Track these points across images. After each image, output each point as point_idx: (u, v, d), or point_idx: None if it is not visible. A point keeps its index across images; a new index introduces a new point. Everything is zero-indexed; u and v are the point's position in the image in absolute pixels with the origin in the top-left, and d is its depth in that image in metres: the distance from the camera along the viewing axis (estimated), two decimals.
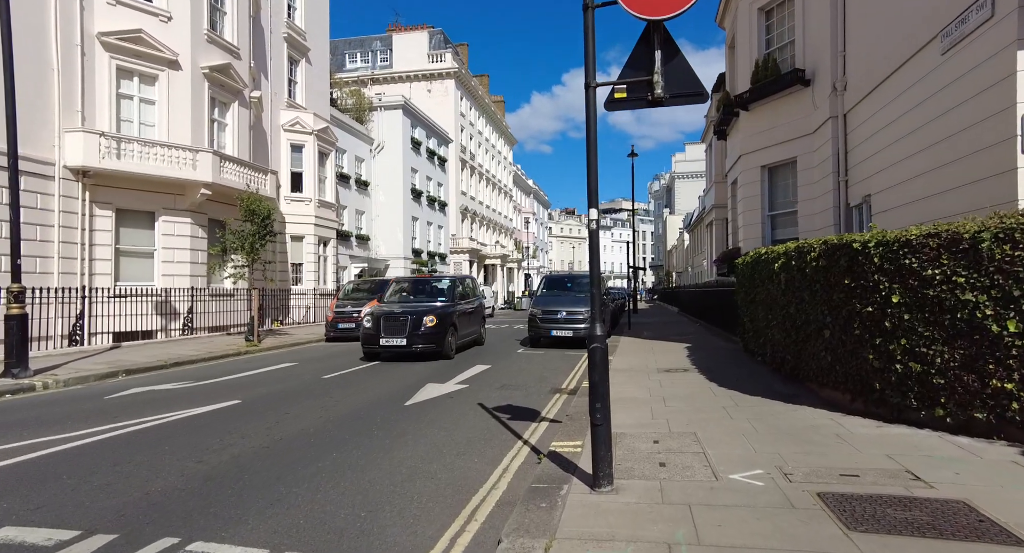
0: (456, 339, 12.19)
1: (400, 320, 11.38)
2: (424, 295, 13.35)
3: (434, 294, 13.27)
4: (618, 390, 7.27)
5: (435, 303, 12.51)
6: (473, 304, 14.37)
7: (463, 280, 14.72)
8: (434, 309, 11.91)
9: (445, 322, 11.73)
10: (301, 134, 24.11)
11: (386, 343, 11.22)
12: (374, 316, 11.59)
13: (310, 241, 24.33)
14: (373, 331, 11.40)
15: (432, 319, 11.47)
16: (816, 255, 5.87)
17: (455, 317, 12.29)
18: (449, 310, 12.21)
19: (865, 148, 10.54)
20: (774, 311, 7.48)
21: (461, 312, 12.90)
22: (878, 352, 5.10)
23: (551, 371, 10.02)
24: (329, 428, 5.92)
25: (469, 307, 13.82)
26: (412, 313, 11.50)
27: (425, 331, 11.31)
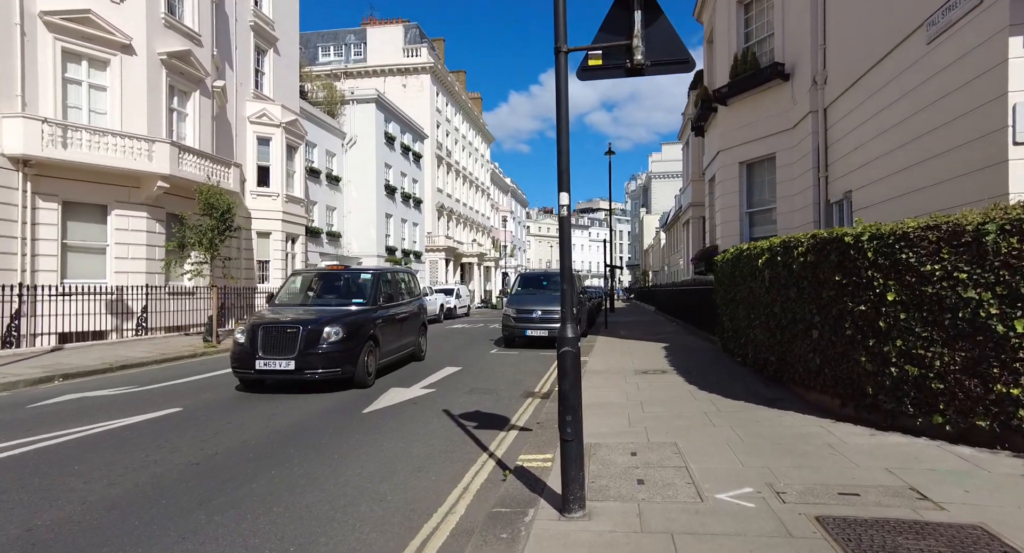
0: (377, 358, 8.63)
1: (288, 332, 7.62)
2: (335, 294, 9.61)
3: (348, 293, 9.55)
4: (593, 394, 6.82)
5: (347, 307, 8.87)
6: (409, 307, 10.61)
7: (393, 274, 10.82)
8: (342, 316, 8.23)
9: (359, 334, 8.11)
10: (268, 126, 23.20)
11: (265, 366, 7.47)
12: (250, 326, 7.86)
13: (277, 237, 23.45)
14: (248, 348, 7.64)
15: (337, 331, 7.77)
16: (804, 250, 5.49)
17: (377, 326, 8.71)
18: (367, 316, 8.63)
19: (846, 143, 10.30)
20: (756, 310, 7.12)
21: (388, 319, 9.35)
22: (871, 354, 4.73)
23: (525, 373, 9.54)
24: (274, 440, 5.33)
25: (402, 311, 10.12)
26: (307, 322, 7.76)
27: (326, 349, 7.63)
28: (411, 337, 10.58)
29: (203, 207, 13.50)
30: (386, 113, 33.83)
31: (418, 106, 41.76)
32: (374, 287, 9.42)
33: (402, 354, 10.15)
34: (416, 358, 10.95)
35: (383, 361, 8.99)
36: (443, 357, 11.68)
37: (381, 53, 43.14)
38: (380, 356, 8.78)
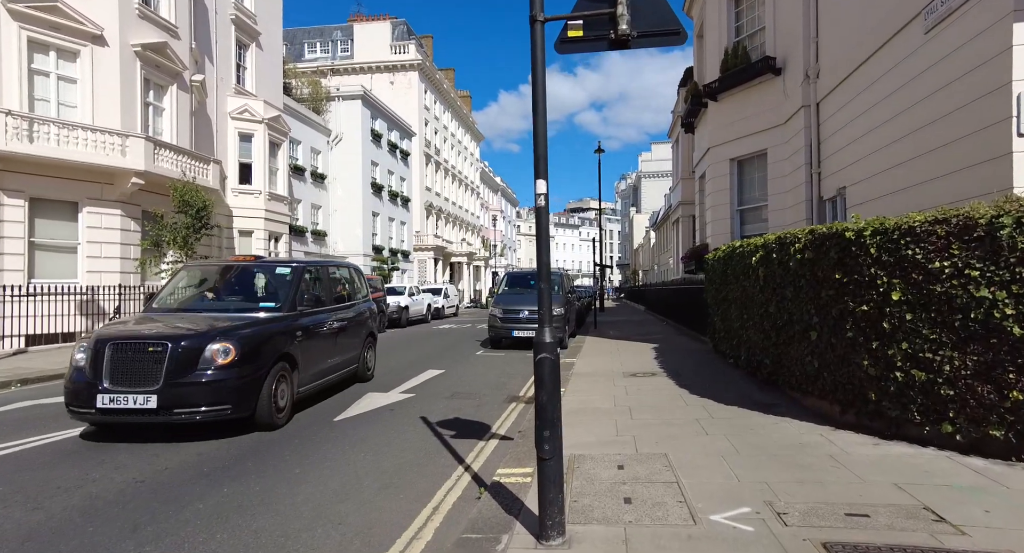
0: (295, 386, 6.18)
1: (149, 352, 5.22)
2: (240, 295, 7.01)
3: (257, 294, 7.04)
4: (580, 399, 6.48)
5: (251, 313, 6.27)
6: (347, 313, 7.99)
7: (325, 269, 7.99)
8: (239, 327, 5.72)
9: (263, 353, 5.68)
10: (250, 122, 22.65)
11: (111, 403, 5.07)
12: (94, 341, 5.36)
13: (260, 236, 22.91)
14: (87, 375, 5.25)
15: (226, 349, 5.38)
16: (801, 246, 5.17)
17: (295, 341, 6.24)
18: (279, 327, 6.13)
19: (839, 138, 10.03)
20: (750, 310, 6.80)
21: (313, 329, 6.79)
22: (875, 357, 4.41)
23: (510, 376, 9.18)
24: (233, 452, 4.92)
25: (337, 318, 7.54)
26: (181, 337, 5.36)
27: (211, 377, 5.26)
28: (351, 352, 7.97)
29: (178, 204, 13.01)
30: (372, 110, 33.31)
31: (406, 104, 41.24)
32: (293, 286, 6.71)
33: (337, 376, 7.54)
34: (360, 378, 8.41)
35: (306, 388, 6.53)
36: (426, 359, 11.28)
37: (368, 50, 42.58)
38: (300, 382, 6.31)
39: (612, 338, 14.18)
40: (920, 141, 7.24)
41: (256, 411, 5.55)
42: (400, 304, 20.75)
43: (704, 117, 15.66)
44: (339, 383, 7.78)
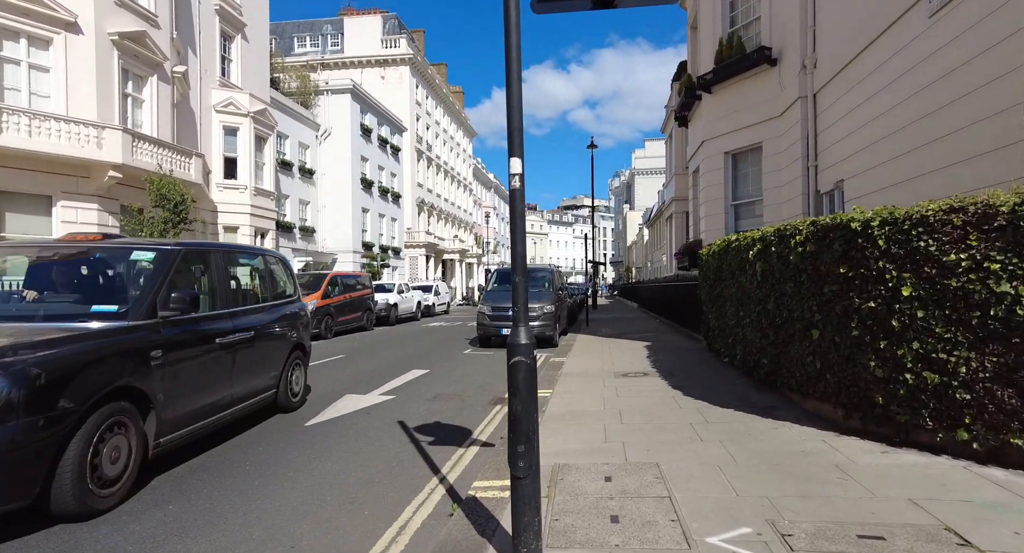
0: (148, 438, 4.00)
1: None
2: (69, 293, 4.55)
3: (97, 289, 4.67)
4: (568, 401, 6.13)
5: (74, 322, 3.91)
6: (261, 318, 5.81)
7: (217, 256, 5.39)
8: (26, 349, 3.27)
9: (67, 396, 3.32)
10: (235, 116, 22.13)
11: None
12: None
13: (245, 232, 22.40)
14: None
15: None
16: (803, 239, 4.83)
17: (152, 366, 4.05)
18: (113, 345, 3.80)
19: (837, 130, 9.72)
20: (747, 307, 6.46)
21: (191, 345, 4.59)
22: (882, 358, 4.08)
23: (497, 376, 8.82)
24: (189, 460, 4.54)
25: (240, 329, 5.28)
26: None
27: None
28: (265, 374, 5.75)
29: (155, 198, 12.54)
30: (362, 104, 32.80)
31: (397, 99, 40.72)
32: (154, 280, 4.44)
33: (240, 410, 5.30)
34: (283, 408, 6.23)
35: (177, 436, 4.32)
36: (411, 358, 10.91)
37: (359, 44, 42.03)
38: (164, 429, 4.13)
39: (604, 336, 13.85)
40: (923, 130, 6.92)
41: (51, 494, 3.26)
42: (389, 302, 20.35)
43: (698, 110, 15.33)
44: (242, 417, 5.54)
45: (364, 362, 10.47)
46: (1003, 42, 5.46)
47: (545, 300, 12.71)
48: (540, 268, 14.77)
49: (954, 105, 6.27)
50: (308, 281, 16.54)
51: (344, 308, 16.63)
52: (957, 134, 6.21)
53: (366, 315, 18.03)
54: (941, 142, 6.52)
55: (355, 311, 17.31)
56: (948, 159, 6.36)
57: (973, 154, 5.92)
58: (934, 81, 6.69)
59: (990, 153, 5.66)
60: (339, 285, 16.80)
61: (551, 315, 12.46)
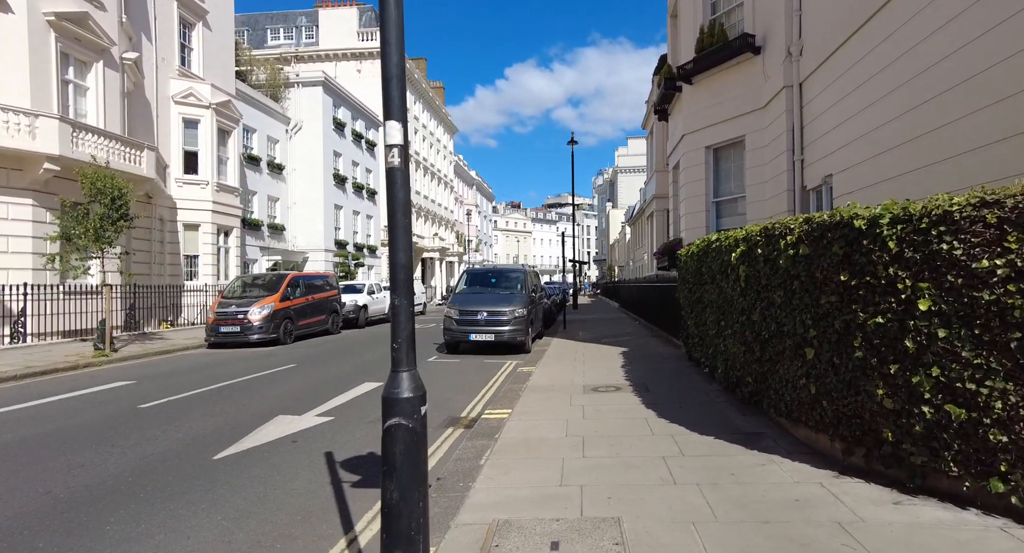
0: None
1: None
2: None
3: None
4: (526, 425, 5.33)
5: None
6: None
7: None
8: None
9: None
10: (196, 107, 20.98)
11: None
12: None
13: (207, 230, 21.30)
14: None
15: None
16: (795, 239, 4.08)
17: None
18: None
19: (825, 121, 9.05)
20: (729, 316, 5.72)
21: None
22: (893, 386, 3.34)
23: (457, 389, 8.00)
24: (46, 511, 3.65)
25: None
26: None
27: None
28: None
29: (89, 192, 11.47)
30: (335, 97, 31.67)
31: (374, 93, 39.45)
32: None
33: None
34: None
35: None
36: (368, 368, 10.03)
37: (334, 37, 40.87)
38: None
39: (579, 340, 13.10)
40: (921, 120, 6.25)
41: None
42: (357, 303, 19.39)
43: (678, 103, 14.63)
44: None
45: (315, 372, 9.57)
46: (1011, 18, 4.77)
47: (516, 303, 11.91)
48: (512, 269, 13.96)
49: (958, 89, 5.59)
50: (267, 282, 15.54)
51: (306, 311, 15.66)
52: (963, 121, 5.53)
53: (331, 318, 17.07)
54: (944, 131, 5.84)
55: (319, 314, 16.34)
56: (951, 149, 5.68)
57: (980, 145, 5.24)
58: (935, 64, 6.01)
59: (1001, 143, 4.97)
60: (300, 287, 15.82)
61: (522, 319, 11.67)
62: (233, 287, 15.56)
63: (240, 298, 14.65)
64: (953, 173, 5.61)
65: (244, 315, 13.81)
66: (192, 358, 11.98)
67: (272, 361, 11.06)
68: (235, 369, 10.02)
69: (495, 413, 5.98)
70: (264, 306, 14.11)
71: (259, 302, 14.19)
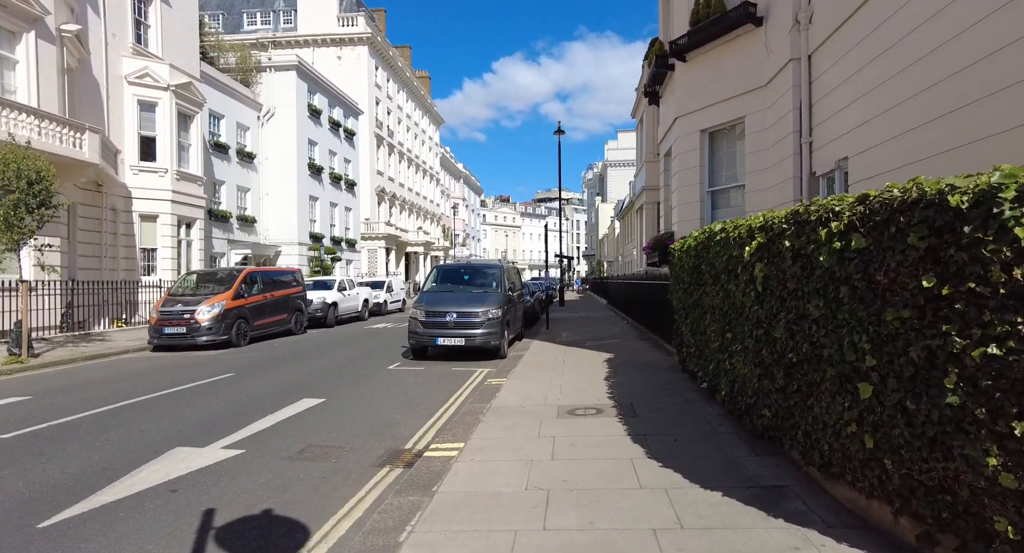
0: None
1: None
2: None
3: None
4: (479, 469, 4.09)
5: None
6: None
7: None
8: None
9: None
10: (152, 89, 19.44)
11: None
12: None
13: (166, 221, 19.83)
14: None
15: None
16: (843, 227, 2.86)
17: None
18: None
19: (839, 96, 7.87)
20: (738, 328, 4.51)
21: None
22: (1016, 453, 2.14)
23: (411, 408, 6.76)
24: None
25: None
26: None
27: None
28: None
29: (1, 176, 10.04)
30: (310, 83, 30.11)
31: (355, 80, 38.06)
32: None
33: None
34: None
35: None
36: (316, 378, 8.74)
37: (313, 22, 39.20)
38: None
39: (562, 343, 11.89)
40: (961, 90, 5.08)
41: None
42: (326, 301, 18.03)
43: (670, 83, 13.40)
44: None
45: (251, 384, 8.28)
46: None
47: (491, 303, 10.66)
48: (489, 264, 12.69)
49: (1012, 49, 4.41)
50: (220, 278, 14.16)
51: (264, 309, 14.31)
52: (1012, 91, 4.36)
53: (295, 317, 15.73)
54: (988, 103, 4.67)
55: (279, 312, 14.99)
56: (999, 125, 4.51)
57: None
58: (980, 20, 4.83)
59: None
60: (258, 283, 14.46)
61: (496, 321, 10.42)
62: (182, 283, 14.16)
63: (188, 295, 13.27)
64: (1006, 151, 4.45)
65: (191, 315, 12.45)
66: (124, 364, 10.62)
67: (211, 369, 9.74)
68: (162, 379, 8.70)
69: (443, 448, 4.75)
70: (214, 304, 12.75)
71: (208, 300, 12.83)
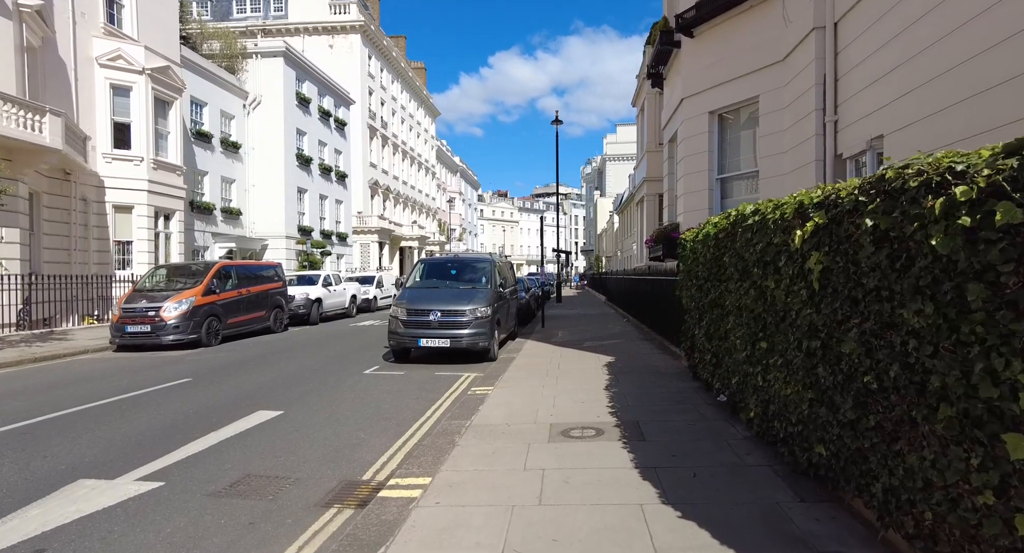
0: None
1: None
2: None
3: None
4: (442, 520, 3.09)
5: None
6: None
7: None
8: None
9: None
10: (126, 72, 18.38)
11: None
12: None
13: (142, 212, 18.81)
14: None
15: None
16: (978, 191, 1.88)
17: None
18: None
19: (870, 67, 6.90)
20: (778, 336, 3.54)
21: None
22: None
23: (381, 422, 5.80)
24: None
25: None
26: None
27: None
28: None
29: None
30: (298, 70, 29.00)
31: (347, 69, 36.97)
32: None
33: None
34: None
35: None
36: (279, 384, 7.77)
37: (304, 9, 38.07)
38: None
39: (557, 344, 10.94)
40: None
41: None
42: (309, 297, 17.04)
43: (676, 62, 12.38)
44: None
45: (205, 392, 7.31)
46: None
47: (479, 300, 9.67)
48: (478, 258, 11.66)
49: None
50: (191, 272, 13.16)
51: (239, 306, 13.33)
52: None
53: (274, 314, 14.75)
54: None
55: (256, 309, 14.01)
56: None
57: None
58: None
59: None
60: (233, 277, 13.47)
61: (485, 321, 9.44)
62: (149, 278, 13.16)
63: (155, 291, 12.28)
64: None
65: (155, 312, 11.46)
66: (75, 367, 9.64)
67: (168, 373, 8.77)
68: (107, 386, 7.72)
69: (406, 484, 3.79)
70: (181, 301, 11.76)
71: (176, 296, 11.84)
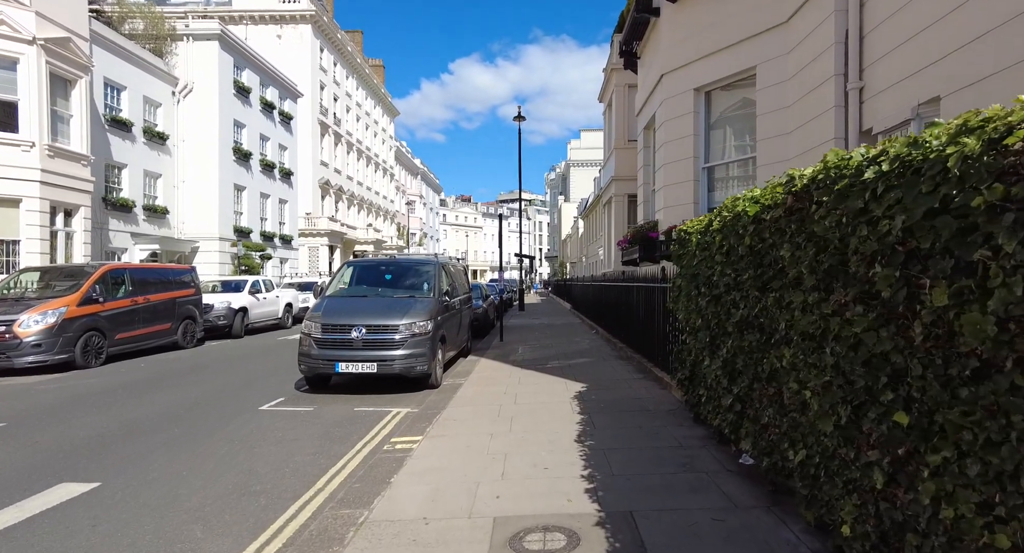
0: None
1: None
2: None
3: None
4: None
5: None
6: None
7: None
8: None
9: None
10: (10, 41, 15.67)
11: None
12: None
13: (33, 207, 16.05)
14: None
15: None
16: None
17: None
18: None
19: (917, 11, 5.33)
20: (870, 376, 1.74)
21: None
22: None
23: (238, 507, 3.81)
24: None
25: None
26: None
27: None
28: None
29: None
30: (237, 57, 26.45)
31: (296, 61, 34.47)
32: None
33: None
34: None
35: None
36: (119, 436, 5.62)
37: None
38: None
39: (517, 364, 9.06)
40: None
41: None
42: (231, 306, 14.68)
43: (654, 33, 10.75)
44: None
45: (13, 448, 5.10)
46: None
47: (418, 313, 7.66)
48: (420, 261, 9.62)
49: None
50: (69, 276, 10.71)
51: (134, 317, 10.97)
52: None
53: (184, 326, 12.40)
54: None
55: (158, 321, 11.65)
56: None
57: None
58: None
59: None
60: (126, 284, 11.10)
61: (425, 338, 7.44)
62: (10, 283, 10.66)
63: (12, 301, 9.83)
64: None
65: (7, 327, 9.05)
66: None
67: None
68: None
69: None
70: (46, 312, 9.38)
71: (39, 306, 9.44)
